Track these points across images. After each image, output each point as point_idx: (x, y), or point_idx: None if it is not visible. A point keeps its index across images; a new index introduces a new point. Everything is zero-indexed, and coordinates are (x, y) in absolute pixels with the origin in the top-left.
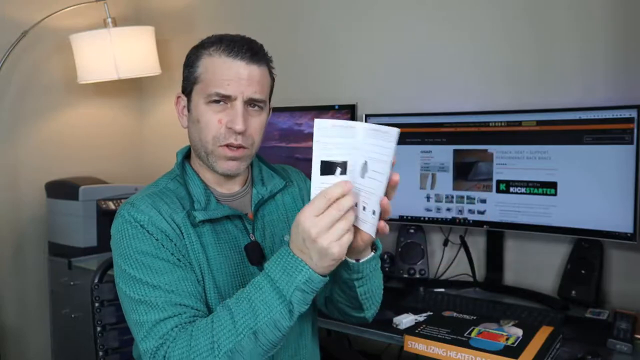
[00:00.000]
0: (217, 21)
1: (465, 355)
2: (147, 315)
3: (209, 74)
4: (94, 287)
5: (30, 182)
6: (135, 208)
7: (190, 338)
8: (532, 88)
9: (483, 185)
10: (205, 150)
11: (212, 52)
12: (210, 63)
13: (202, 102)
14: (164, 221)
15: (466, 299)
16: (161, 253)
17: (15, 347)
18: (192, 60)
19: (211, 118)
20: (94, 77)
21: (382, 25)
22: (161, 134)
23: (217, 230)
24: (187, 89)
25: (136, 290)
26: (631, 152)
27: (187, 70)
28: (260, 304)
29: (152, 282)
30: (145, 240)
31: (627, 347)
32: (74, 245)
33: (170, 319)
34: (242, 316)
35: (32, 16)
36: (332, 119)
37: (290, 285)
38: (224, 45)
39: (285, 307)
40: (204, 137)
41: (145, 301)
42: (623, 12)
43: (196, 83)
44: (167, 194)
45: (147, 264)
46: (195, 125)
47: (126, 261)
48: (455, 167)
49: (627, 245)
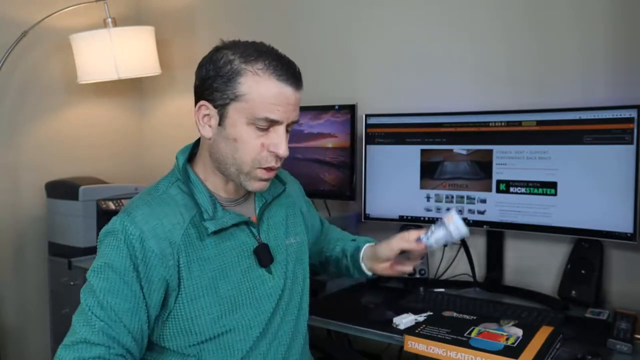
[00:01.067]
0: (217, 21)
1: (465, 355)
2: (82, 328)
3: (257, 96)
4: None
5: (30, 182)
6: (130, 219)
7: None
8: (532, 88)
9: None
10: (239, 169)
11: (259, 71)
12: (257, 84)
13: (243, 122)
14: (155, 239)
15: (466, 299)
16: (128, 276)
17: (15, 347)
18: (229, 72)
19: (254, 141)
20: (94, 77)
21: (382, 25)
22: (161, 134)
23: (222, 238)
24: (217, 101)
25: (87, 300)
26: (631, 152)
27: (220, 82)
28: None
29: (102, 300)
30: (122, 256)
31: (627, 347)
32: (74, 245)
33: (99, 346)
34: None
35: (32, 16)
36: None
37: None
38: (272, 65)
39: None
40: (241, 157)
41: (86, 315)
42: (623, 12)
43: (237, 100)
44: (168, 202)
45: (109, 280)
46: (229, 143)
47: (95, 268)
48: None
49: (627, 245)
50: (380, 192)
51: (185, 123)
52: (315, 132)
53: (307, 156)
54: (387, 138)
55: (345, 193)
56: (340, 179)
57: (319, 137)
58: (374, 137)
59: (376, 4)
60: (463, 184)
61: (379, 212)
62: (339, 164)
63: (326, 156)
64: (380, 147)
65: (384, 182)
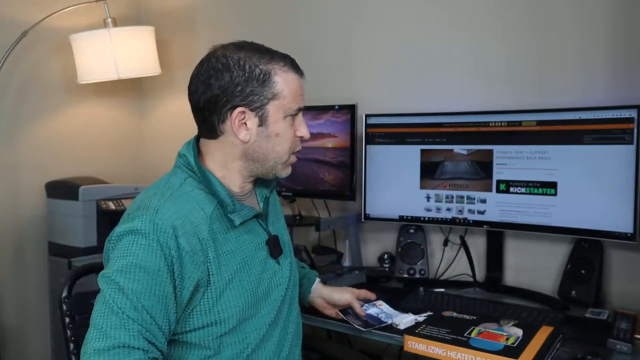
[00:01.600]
0: (217, 21)
1: (465, 355)
2: (117, 332)
3: (289, 90)
4: (63, 301)
5: (30, 182)
6: (159, 216)
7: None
8: (532, 88)
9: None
10: (279, 160)
11: (284, 68)
12: (287, 80)
13: (281, 117)
14: (187, 235)
15: (466, 299)
16: (161, 276)
17: (15, 347)
18: (262, 74)
19: (290, 131)
20: (94, 77)
21: (382, 25)
22: (161, 134)
23: (242, 230)
24: (254, 104)
25: (117, 301)
26: (631, 152)
27: (256, 84)
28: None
29: (136, 303)
30: (154, 255)
31: (627, 347)
32: (74, 245)
33: (139, 351)
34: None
35: (32, 16)
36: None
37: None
38: (288, 62)
39: None
40: (282, 148)
41: (120, 317)
42: (623, 12)
43: (274, 99)
44: (187, 199)
45: (141, 281)
46: (270, 139)
47: (123, 269)
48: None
49: (627, 245)
50: (380, 192)
51: (185, 123)
52: (315, 132)
53: (307, 156)
54: (387, 138)
55: (345, 193)
56: (340, 179)
57: (319, 137)
58: (374, 137)
59: (376, 4)
60: (463, 184)
61: (379, 212)
62: (339, 164)
63: (326, 156)
64: (380, 147)
65: (384, 182)
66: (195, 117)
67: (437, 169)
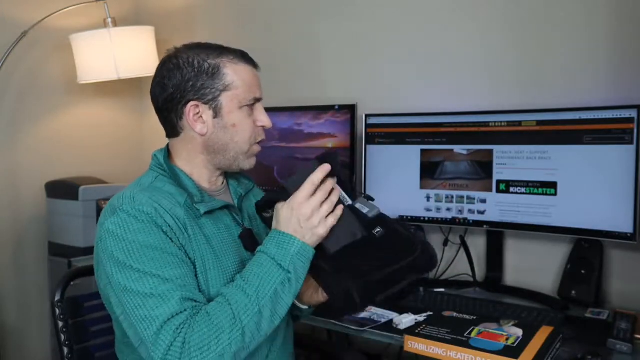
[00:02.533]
0: (217, 21)
1: (465, 355)
2: (159, 310)
3: (241, 81)
4: (57, 305)
5: (30, 182)
6: (137, 201)
7: (208, 318)
8: (532, 88)
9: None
10: (240, 151)
11: (234, 60)
12: (237, 71)
13: (236, 107)
14: (167, 215)
15: (466, 299)
16: (169, 247)
17: (15, 347)
18: (211, 68)
19: (247, 121)
20: (94, 77)
21: (382, 25)
22: (161, 134)
23: (216, 220)
24: (206, 97)
25: (145, 284)
26: (631, 152)
27: (206, 78)
28: (265, 276)
29: (163, 275)
30: (153, 233)
31: (627, 347)
32: (74, 245)
33: (183, 313)
34: (254, 290)
35: (32, 16)
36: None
37: (286, 256)
38: (238, 54)
39: (285, 275)
40: (241, 138)
41: (157, 294)
42: (623, 12)
43: (226, 90)
44: (158, 192)
45: (156, 258)
46: (227, 130)
47: (131, 256)
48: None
49: (627, 245)
50: (380, 192)
51: None
52: (315, 132)
53: (307, 156)
54: (387, 138)
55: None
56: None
57: (319, 137)
58: (374, 137)
59: (376, 4)
60: (463, 184)
61: None
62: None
63: None
64: (380, 147)
65: (384, 182)
66: (159, 119)
67: (437, 169)
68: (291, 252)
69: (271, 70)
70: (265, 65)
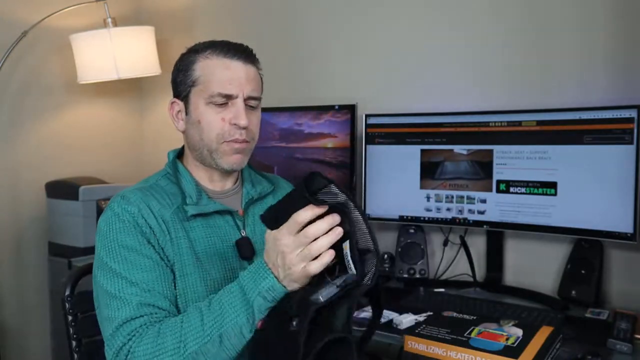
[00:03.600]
0: (217, 21)
1: (465, 355)
2: (119, 312)
3: (208, 75)
4: (66, 299)
5: (30, 182)
6: (125, 200)
7: (157, 335)
8: (532, 88)
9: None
10: (208, 148)
11: (209, 55)
12: (207, 65)
13: (202, 104)
14: (151, 216)
15: (466, 299)
16: (145, 249)
17: (15, 347)
18: (185, 65)
19: (213, 117)
20: (94, 77)
21: (382, 25)
22: (161, 134)
23: (208, 224)
24: (182, 93)
25: (113, 284)
26: (631, 152)
27: (181, 75)
28: (228, 307)
29: (130, 278)
30: (131, 234)
31: (627, 347)
32: (74, 245)
33: (141, 317)
34: (212, 318)
35: (32, 16)
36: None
37: (254, 290)
38: (218, 48)
39: (248, 311)
40: (207, 136)
41: (120, 297)
42: (623, 12)
43: (194, 86)
44: (157, 189)
45: (129, 259)
46: (195, 127)
47: (109, 254)
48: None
49: (627, 245)
50: (380, 192)
51: None
52: (315, 132)
53: (307, 156)
54: (387, 138)
55: None
56: (340, 179)
57: (319, 137)
58: (374, 137)
59: (376, 4)
60: (463, 184)
61: (379, 212)
62: (339, 164)
63: (326, 156)
64: (380, 147)
65: (384, 182)
66: None
67: (437, 169)
68: (260, 287)
69: (271, 70)
70: (265, 65)
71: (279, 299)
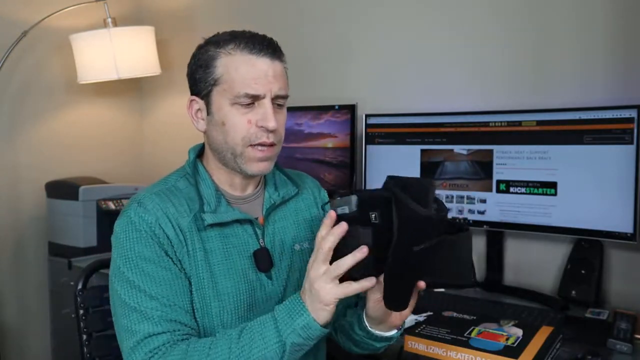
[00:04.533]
0: (217, 21)
1: (465, 355)
2: (140, 325)
3: (232, 74)
4: (78, 294)
5: (30, 182)
6: (142, 208)
7: (185, 356)
8: (532, 88)
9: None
10: (233, 152)
11: (231, 50)
12: (231, 62)
13: (226, 104)
14: (169, 225)
15: (466, 299)
16: (163, 261)
17: (15, 347)
18: (206, 60)
19: (240, 119)
20: (94, 77)
21: (383, 25)
22: (161, 134)
23: (225, 234)
24: (202, 92)
25: (132, 297)
26: (631, 152)
27: (200, 71)
28: (258, 338)
29: (150, 291)
30: (149, 245)
31: (627, 347)
32: (74, 245)
33: (164, 334)
34: (239, 347)
35: (32, 16)
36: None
37: (288, 326)
38: (243, 42)
39: (279, 347)
40: (232, 139)
41: (140, 310)
42: (623, 11)
43: (216, 84)
44: (175, 193)
45: (147, 272)
46: (219, 128)
47: (126, 264)
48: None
49: (627, 245)
50: None
51: (185, 123)
52: (315, 132)
53: (307, 156)
54: (387, 138)
55: None
56: (340, 179)
57: (319, 137)
58: (374, 137)
59: (376, 3)
60: (463, 184)
61: None
62: (339, 164)
63: (326, 156)
64: (380, 147)
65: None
66: None
67: (437, 169)
68: (295, 324)
69: None
70: None
71: (314, 338)
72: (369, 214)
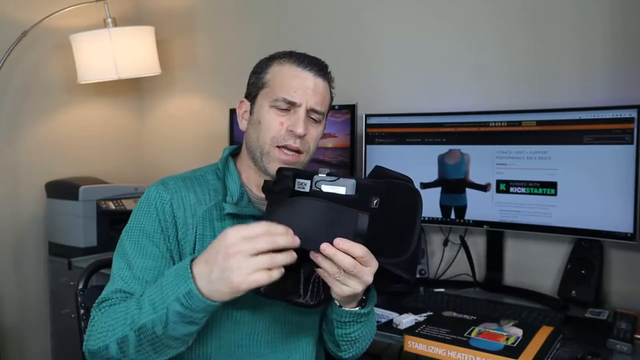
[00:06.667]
0: (217, 21)
1: (465, 355)
2: (108, 288)
3: (277, 80)
4: (79, 293)
5: (30, 182)
6: (164, 186)
7: (109, 315)
8: (531, 88)
9: None
10: (261, 150)
11: (283, 62)
12: (279, 71)
13: (266, 105)
14: (181, 207)
15: (466, 299)
16: (156, 238)
17: (15, 347)
18: (260, 68)
19: (273, 120)
20: (94, 77)
21: (382, 26)
22: (161, 134)
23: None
24: (252, 94)
25: (119, 262)
26: (631, 152)
27: (254, 77)
28: (148, 303)
29: (132, 261)
30: (151, 220)
31: (627, 347)
32: (74, 245)
33: (109, 300)
34: (135, 310)
35: (32, 16)
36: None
37: (169, 296)
38: (294, 57)
39: (163, 313)
40: (263, 137)
41: (115, 275)
42: (622, 12)
43: (263, 88)
44: (201, 182)
45: (139, 242)
46: (255, 126)
47: (127, 232)
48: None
49: (627, 245)
50: None
51: (185, 123)
52: None
53: None
54: (387, 138)
55: None
56: None
57: None
58: (374, 137)
59: (376, 4)
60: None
61: None
62: (339, 164)
63: (326, 156)
64: (380, 147)
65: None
66: None
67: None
68: (178, 291)
69: None
70: None
71: (198, 309)
72: (370, 199)
